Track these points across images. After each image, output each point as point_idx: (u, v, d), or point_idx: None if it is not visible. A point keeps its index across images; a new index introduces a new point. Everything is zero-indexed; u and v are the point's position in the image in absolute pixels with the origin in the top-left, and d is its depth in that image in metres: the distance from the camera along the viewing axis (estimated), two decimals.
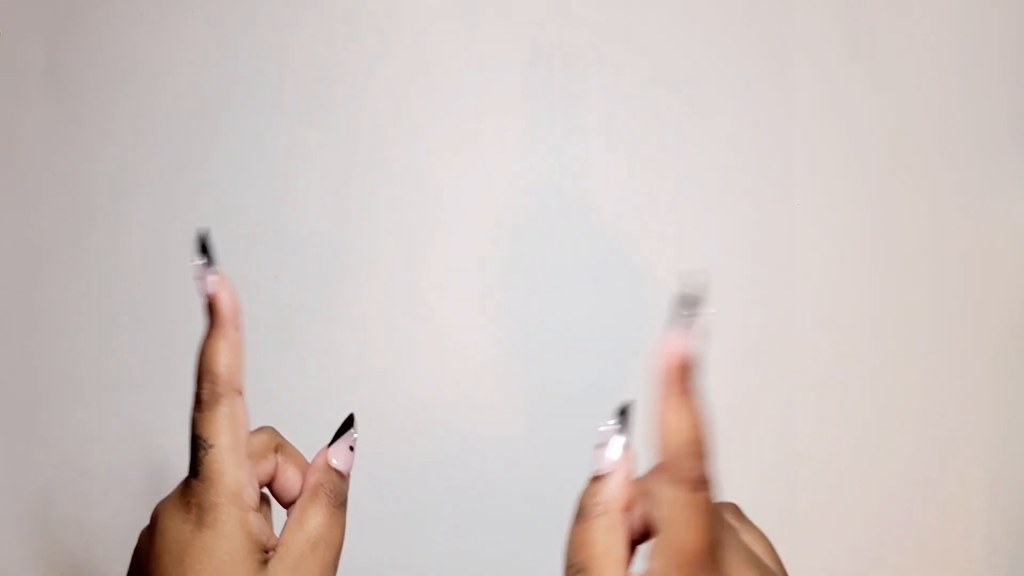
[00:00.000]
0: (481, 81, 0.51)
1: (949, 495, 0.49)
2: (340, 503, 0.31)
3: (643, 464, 0.28)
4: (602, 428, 0.28)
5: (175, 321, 0.52)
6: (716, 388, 0.32)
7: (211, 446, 0.29)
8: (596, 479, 0.28)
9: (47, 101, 0.54)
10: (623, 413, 0.29)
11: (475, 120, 0.51)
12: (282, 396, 0.51)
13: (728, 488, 0.37)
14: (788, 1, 0.51)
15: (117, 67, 0.53)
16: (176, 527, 0.29)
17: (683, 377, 0.26)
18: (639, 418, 0.28)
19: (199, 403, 0.30)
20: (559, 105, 0.51)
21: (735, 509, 0.31)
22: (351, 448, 0.32)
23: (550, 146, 0.51)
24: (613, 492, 0.28)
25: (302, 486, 0.32)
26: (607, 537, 0.27)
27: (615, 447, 0.28)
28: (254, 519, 0.30)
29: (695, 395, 0.27)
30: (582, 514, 0.28)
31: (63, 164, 0.53)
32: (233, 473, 0.29)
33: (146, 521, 0.32)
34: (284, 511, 0.32)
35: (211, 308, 0.31)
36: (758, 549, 0.29)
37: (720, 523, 0.27)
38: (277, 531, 0.31)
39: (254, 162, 0.52)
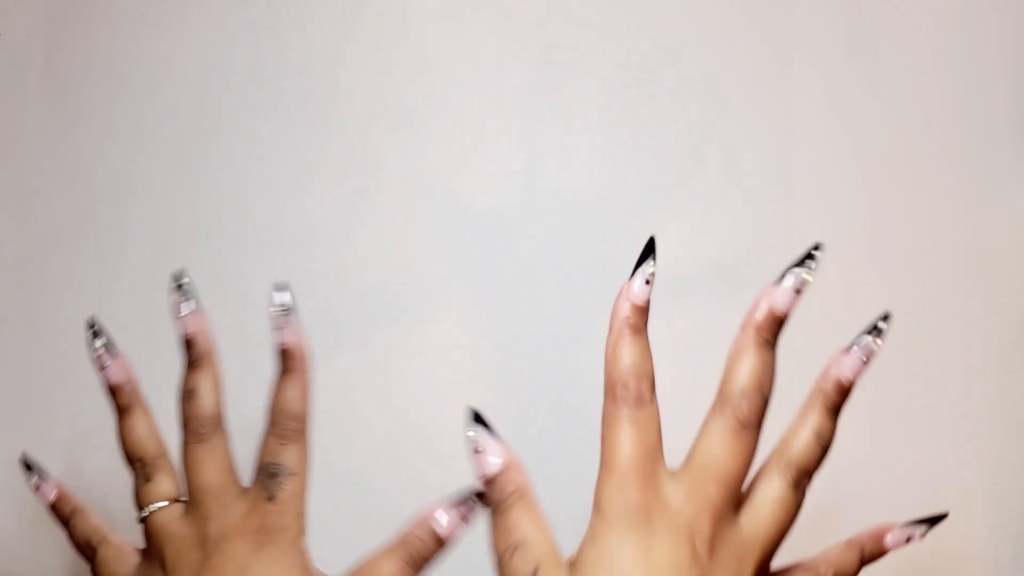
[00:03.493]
0: (481, 81, 0.51)
1: (949, 495, 0.49)
2: (417, 565, 0.32)
3: None
4: (471, 435, 0.31)
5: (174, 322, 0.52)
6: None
7: (294, 474, 0.32)
8: (492, 478, 0.30)
9: (47, 101, 0.54)
10: (477, 419, 0.31)
11: (475, 120, 0.51)
12: None
13: None
14: (788, 1, 0.51)
15: (117, 67, 0.53)
16: (241, 551, 0.31)
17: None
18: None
19: (280, 437, 0.33)
20: (559, 105, 0.51)
21: None
22: (463, 519, 0.33)
23: (550, 146, 0.51)
24: (518, 479, 0.30)
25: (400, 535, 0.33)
26: (532, 516, 0.30)
27: (494, 447, 0.31)
28: (306, 547, 0.32)
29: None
30: (501, 507, 0.30)
31: (63, 164, 0.53)
32: (304, 500, 0.32)
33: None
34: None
35: (287, 355, 0.34)
36: None
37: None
38: None
39: (254, 162, 0.52)
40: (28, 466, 0.38)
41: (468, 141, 0.51)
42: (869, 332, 0.32)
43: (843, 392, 0.31)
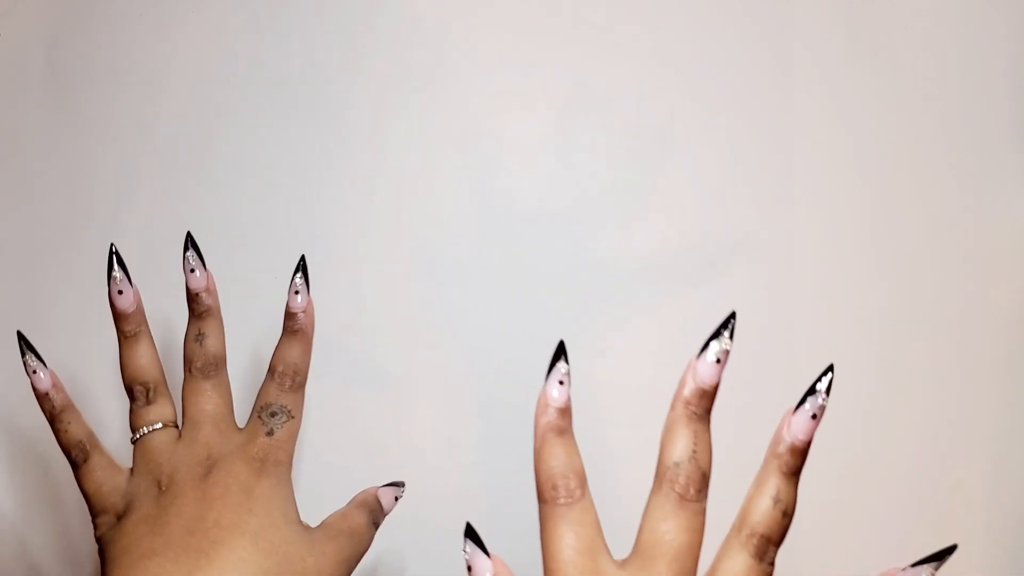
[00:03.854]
0: (481, 81, 0.52)
1: (949, 495, 0.49)
2: (374, 524, 0.38)
3: None
4: (465, 552, 0.29)
5: (174, 321, 0.52)
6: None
7: (293, 417, 0.36)
8: None
9: (47, 101, 0.54)
10: (469, 535, 0.30)
11: (475, 120, 0.51)
12: None
13: (729, 489, 0.37)
14: (788, 1, 0.51)
15: (117, 67, 0.53)
16: (242, 471, 0.34)
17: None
18: None
19: (282, 385, 0.36)
20: (558, 105, 0.51)
21: None
22: (396, 499, 0.39)
23: (550, 146, 0.51)
24: None
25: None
26: None
27: (483, 563, 0.29)
28: None
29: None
30: None
31: (63, 164, 0.53)
32: (294, 446, 0.36)
33: None
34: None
35: (296, 318, 0.38)
36: None
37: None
38: None
39: (254, 162, 0.52)
40: (25, 345, 0.36)
41: (468, 141, 0.51)
42: (815, 390, 0.30)
43: (799, 455, 0.29)
